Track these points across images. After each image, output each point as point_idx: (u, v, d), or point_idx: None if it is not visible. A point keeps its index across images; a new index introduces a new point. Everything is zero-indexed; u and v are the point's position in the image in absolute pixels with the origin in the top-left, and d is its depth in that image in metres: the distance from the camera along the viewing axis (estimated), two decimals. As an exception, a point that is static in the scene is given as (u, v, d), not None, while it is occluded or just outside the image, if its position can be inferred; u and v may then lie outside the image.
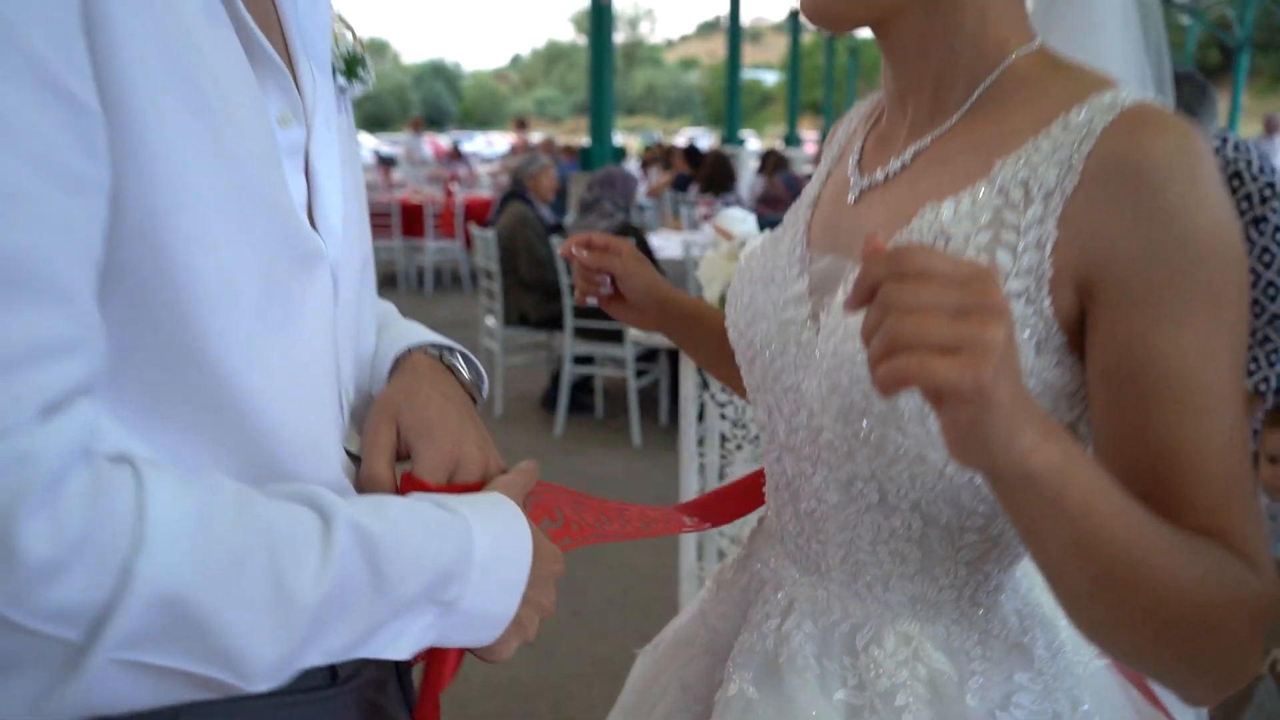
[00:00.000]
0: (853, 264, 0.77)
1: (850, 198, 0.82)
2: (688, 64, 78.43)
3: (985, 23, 0.74)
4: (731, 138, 17.92)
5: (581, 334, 4.91)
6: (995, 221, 0.69)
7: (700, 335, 1.07)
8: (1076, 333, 0.69)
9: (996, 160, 0.71)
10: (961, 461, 0.56)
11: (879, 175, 0.79)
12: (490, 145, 32.74)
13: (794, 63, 23.10)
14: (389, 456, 0.72)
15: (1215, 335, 0.64)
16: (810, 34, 28.49)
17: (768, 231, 2.08)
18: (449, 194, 9.44)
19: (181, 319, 0.57)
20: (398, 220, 9.23)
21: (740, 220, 1.95)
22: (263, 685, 0.56)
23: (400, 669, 0.79)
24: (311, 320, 0.68)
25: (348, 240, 0.73)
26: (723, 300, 2.05)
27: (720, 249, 1.84)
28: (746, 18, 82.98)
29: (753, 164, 11.53)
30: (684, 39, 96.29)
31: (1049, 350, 0.69)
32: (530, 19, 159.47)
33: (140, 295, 0.56)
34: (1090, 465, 0.59)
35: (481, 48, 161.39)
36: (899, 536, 0.76)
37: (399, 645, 0.62)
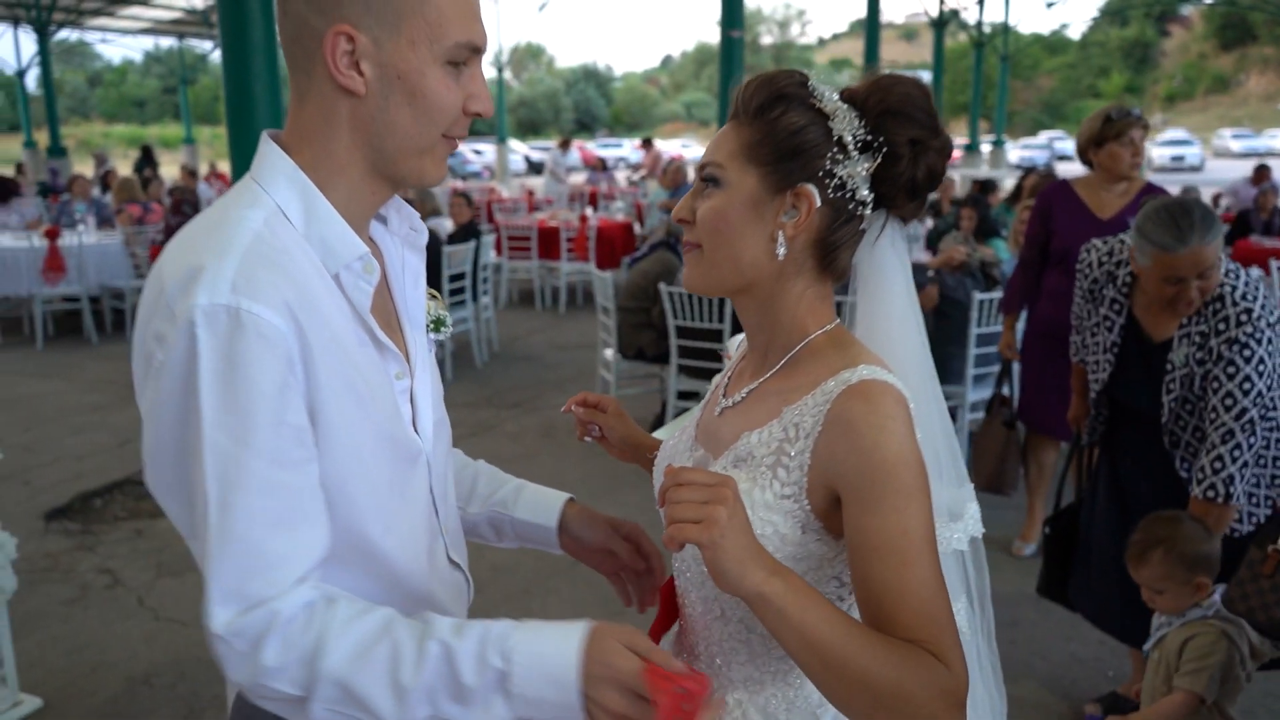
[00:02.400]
0: (713, 459, 1.20)
1: (717, 410, 1.25)
2: (839, 64, 77.59)
3: (795, 316, 1.17)
4: None
5: (686, 371, 5.36)
6: (778, 450, 1.11)
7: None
8: (831, 519, 1.10)
9: (785, 408, 1.13)
10: (719, 587, 0.99)
11: (731, 401, 1.22)
12: (637, 151, 33.63)
13: (937, 70, 22.52)
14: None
15: (905, 517, 1.04)
16: (955, 37, 27.83)
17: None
18: (583, 219, 10.03)
19: (349, 515, 1.09)
20: (535, 243, 9.90)
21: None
22: None
23: None
24: (418, 492, 1.19)
25: (436, 436, 1.22)
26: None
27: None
28: (899, 15, 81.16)
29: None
30: (836, 38, 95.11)
31: (810, 531, 1.10)
32: (681, 21, 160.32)
33: (330, 507, 1.07)
34: (808, 592, 1.00)
35: (633, 50, 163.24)
36: (734, 638, 1.18)
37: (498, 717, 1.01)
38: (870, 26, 17.84)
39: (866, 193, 1.13)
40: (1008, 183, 12.98)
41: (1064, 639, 3.56)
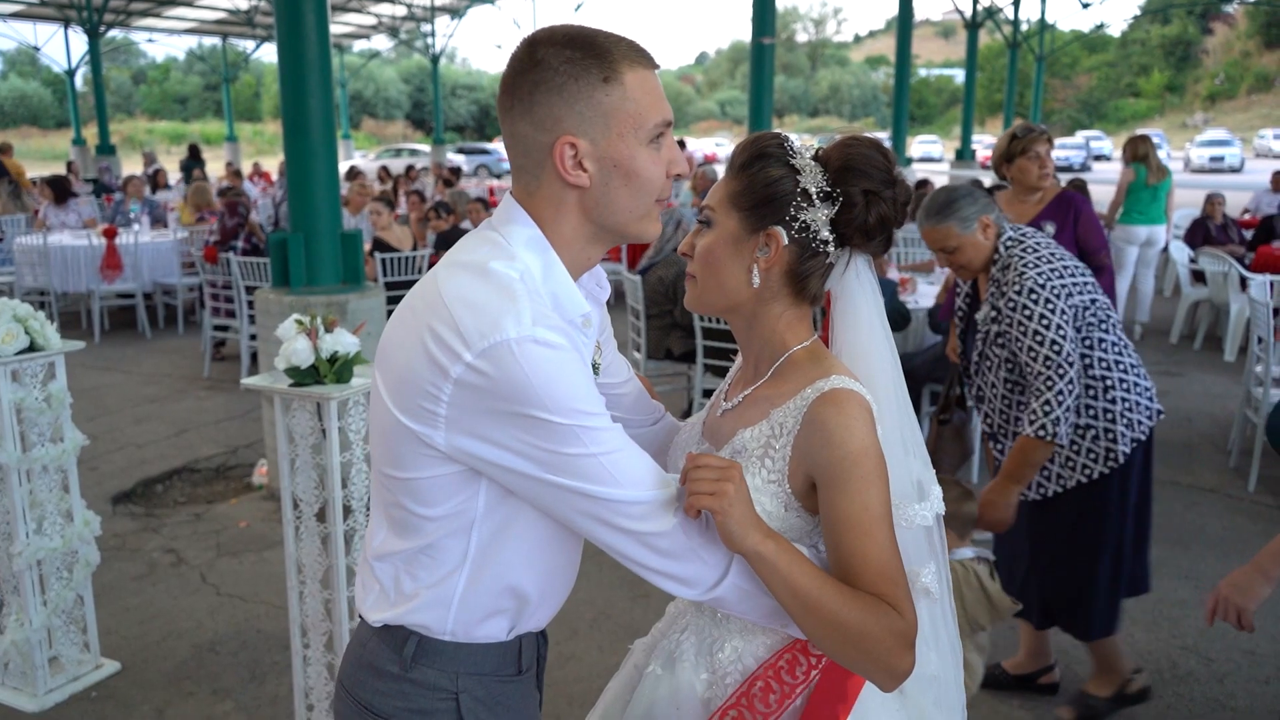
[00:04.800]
0: (715, 451, 1.46)
1: (719, 412, 1.51)
2: (875, 61, 77.30)
3: (776, 332, 1.43)
4: (897, 156, 17.29)
5: (712, 370, 5.62)
6: (766, 444, 1.37)
7: None
8: (808, 500, 1.36)
9: (772, 410, 1.39)
10: (726, 545, 1.25)
11: (730, 404, 1.49)
12: (671, 150, 33.75)
13: (970, 70, 22.50)
14: None
15: (866, 497, 1.29)
16: (993, 35, 27.74)
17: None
18: (616, 221, 10.28)
19: (531, 519, 1.34)
20: (570, 244, 10.18)
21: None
22: (781, 624, 1.38)
23: (540, 667, 1.52)
24: None
25: None
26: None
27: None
28: (937, 12, 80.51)
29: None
30: (873, 34, 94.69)
31: (792, 509, 1.37)
32: (717, 18, 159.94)
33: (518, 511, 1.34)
34: (794, 553, 1.26)
35: (668, 47, 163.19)
36: None
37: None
38: (902, 26, 17.88)
39: (827, 234, 1.38)
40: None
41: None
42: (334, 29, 30.64)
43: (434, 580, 1.33)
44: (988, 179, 15.21)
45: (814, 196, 1.38)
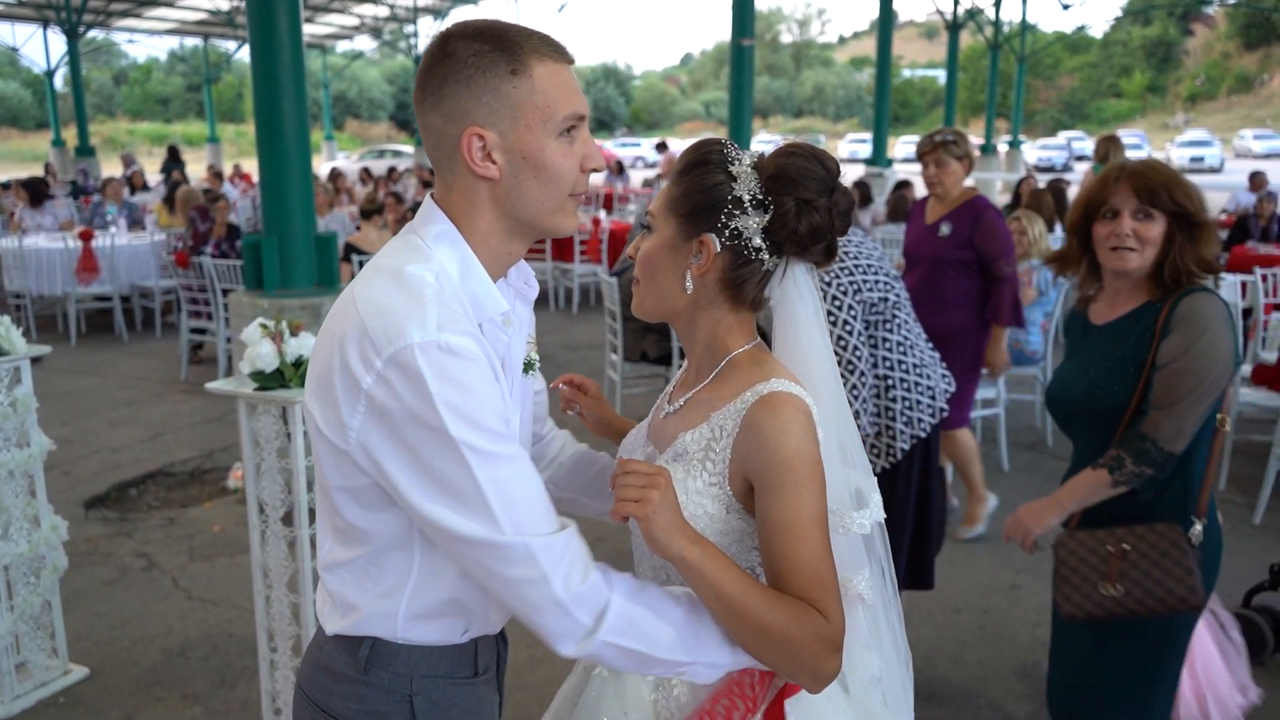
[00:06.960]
0: (659, 454, 1.47)
1: (662, 414, 1.52)
2: (859, 62, 77.44)
3: (716, 336, 1.44)
4: (878, 157, 17.20)
5: (687, 371, 5.63)
6: (707, 447, 1.38)
7: None
8: (749, 502, 1.37)
9: (713, 413, 1.40)
10: (653, 551, 1.27)
11: (673, 407, 1.50)
12: (656, 152, 33.94)
13: (951, 71, 22.54)
14: None
15: (798, 502, 1.30)
16: (972, 36, 27.85)
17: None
18: (595, 222, 10.30)
19: None
20: (549, 245, 10.18)
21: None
22: (669, 674, 1.34)
23: (500, 670, 1.53)
24: None
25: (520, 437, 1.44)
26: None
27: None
28: (920, 14, 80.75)
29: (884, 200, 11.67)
30: (857, 35, 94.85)
31: (733, 511, 1.38)
32: (702, 19, 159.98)
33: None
34: (721, 558, 1.27)
35: (653, 48, 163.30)
36: None
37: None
38: (883, 28, 17.92)
39: (760, 242, 1.38)
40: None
41: (1031, 625, 3.82)
42: (317, 30, 30.52)
43: (380, 592, 1.34)
44: (971, 179, 15.31)
45: (746, 204, 1.38)
